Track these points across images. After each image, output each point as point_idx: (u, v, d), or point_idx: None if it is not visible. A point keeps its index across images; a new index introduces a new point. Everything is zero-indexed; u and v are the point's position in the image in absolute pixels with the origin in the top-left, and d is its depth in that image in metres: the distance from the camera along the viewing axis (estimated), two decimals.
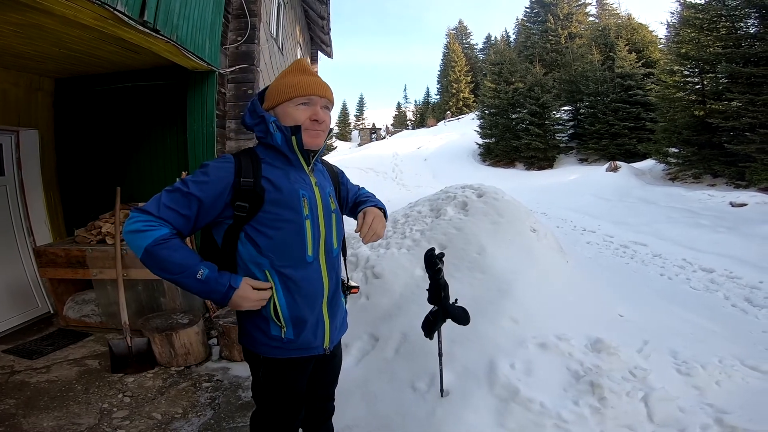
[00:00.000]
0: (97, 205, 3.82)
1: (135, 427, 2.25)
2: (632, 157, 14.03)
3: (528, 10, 32.79)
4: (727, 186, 9.01)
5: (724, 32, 9.84)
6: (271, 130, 1.24)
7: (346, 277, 1.49)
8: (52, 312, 3.76)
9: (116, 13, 2.26)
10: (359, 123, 50.41)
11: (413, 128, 37.50)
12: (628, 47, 17.16)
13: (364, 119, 51.61)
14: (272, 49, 4.98)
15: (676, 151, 10.67)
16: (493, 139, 19.05)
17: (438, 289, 2.03)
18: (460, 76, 36.24)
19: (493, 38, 41.32)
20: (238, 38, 4.03)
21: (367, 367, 2.49)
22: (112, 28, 2.49)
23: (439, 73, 40.81)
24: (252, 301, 1.19)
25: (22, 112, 3.70)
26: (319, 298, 1.30)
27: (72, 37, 2.83)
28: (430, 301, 2.08)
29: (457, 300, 2.08)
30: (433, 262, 2.03)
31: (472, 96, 34.87)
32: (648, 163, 12.17)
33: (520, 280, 2.87)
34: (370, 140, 33.55)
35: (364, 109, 53.69)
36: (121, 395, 2.55)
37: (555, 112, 17.98)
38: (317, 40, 9.43)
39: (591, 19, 30.57)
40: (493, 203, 3.68)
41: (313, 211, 1.27)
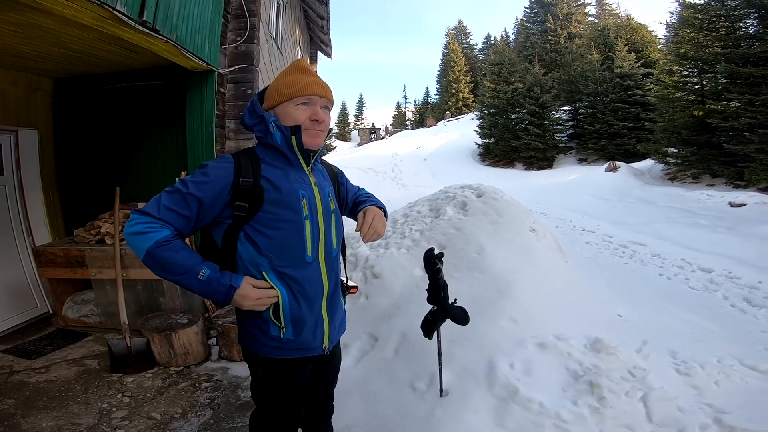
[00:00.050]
0: (96, 205, 3.81)
1: (134, 427, 2.25)
2: (631, 157, 14.05)
3: (527, 10, 32.84)
4: (726, 186, 9.02)
5: (723, 32, 9.85)
6: (270, 129, 1.24)
7: (345, 277, 1.49)
8: (51, 312, 3.76)
9: (115, 12, 2.26)
10: (359, 123, 50.40)
11: (413, 128, 37.53)
12: (627, 47, 17.17)
13: (363, 119, 51.61)
14: (272, 49, 4.97)
15: (675, 151, 10.67)
16: (493, 139, 19.07)
17: (437, 289, 2.04)
18: (460, 76, 36.25)
19: (492, 38, 41.32)
20: (238, 38, 4.03)
21: (366, 367, 2.49)
22: (111, 28, 2.49)
23: (439, 73, 40.82)
24: (253, 300, 1.19)
25: (22, 112, 3.69)
26: (318, 299, 1.30)
27: (71, 37, 2.83)
28: (429, 301, 2.08)
29: (456, 300, 2.09)
30: (432, 262, 2.03)
31: (472, 96, 34.91)
32: (647, 163, 12.18)
33: (520, 280, 2.87)
34: (370, 140, 33.52)
35: (364, 109, 53.78)
36: (120, 395, 2.54)
37: (554, 112, 17.99)
38: (317, 40, 9.42)
39: (590, 19, 30.59)
40: (492, 203, 3.68)
41: (313, 211, 1.27)
